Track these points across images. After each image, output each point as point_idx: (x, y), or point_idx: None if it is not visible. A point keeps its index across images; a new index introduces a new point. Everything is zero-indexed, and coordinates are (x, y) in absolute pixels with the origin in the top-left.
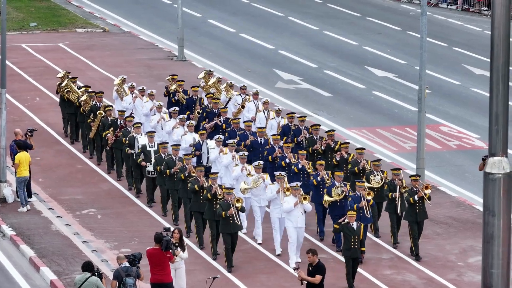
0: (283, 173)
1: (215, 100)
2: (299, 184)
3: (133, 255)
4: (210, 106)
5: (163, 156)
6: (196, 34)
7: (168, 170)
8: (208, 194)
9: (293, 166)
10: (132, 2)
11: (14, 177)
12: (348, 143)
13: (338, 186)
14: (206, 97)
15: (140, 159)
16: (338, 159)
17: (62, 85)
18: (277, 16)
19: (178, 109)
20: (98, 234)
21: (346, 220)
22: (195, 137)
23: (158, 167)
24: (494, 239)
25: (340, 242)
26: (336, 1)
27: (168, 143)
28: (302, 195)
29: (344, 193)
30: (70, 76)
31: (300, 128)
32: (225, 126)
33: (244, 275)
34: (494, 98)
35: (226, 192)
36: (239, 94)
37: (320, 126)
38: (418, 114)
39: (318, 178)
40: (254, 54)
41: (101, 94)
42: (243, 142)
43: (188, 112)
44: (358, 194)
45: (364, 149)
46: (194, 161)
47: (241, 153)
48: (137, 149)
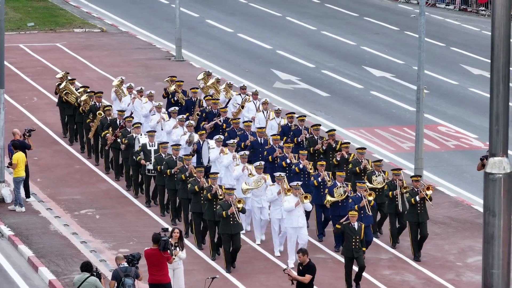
0: (283, 174)
1: (214, 100)
2: (300, 183)
3: (131, 255)
4: (209, 107)
5: (163, 155)
6: (193, 34)
7: (168, 170)
8: (208, 194)
9: (294, 166)
10: (129, 2)
11: (12, 177)
12: (348, 143)
13: (340, 186)
14: (204, 99)
15: (139, 157)
16: (338, 159)
17: (60, 86)
18: (274, 16)
19: (177, 108)
20: (97, 234)
21: (347, 220)
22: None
23: (158, 167)
24: (494, 239)
25: (340, 243)
26: (333, 1)
27: (168, 143)
28: (302, 194)
29: (346, 193)
30: (69, 77)
31: (300, 128)
32: (225, 126)
33: (243, 275)
34: (495, 98)
35: (227, 192)
36: (239, 94)
37: (320, 126)
38: (416, 114)
39: (319, 179)
40: (252, 54)
41: (100, 94)
42: (243, 143)
43: (187, 113)
44: (359, 195)
45: (365, 148)
46: (194, 161)
47: (242, 152)
48: (137, 148)
